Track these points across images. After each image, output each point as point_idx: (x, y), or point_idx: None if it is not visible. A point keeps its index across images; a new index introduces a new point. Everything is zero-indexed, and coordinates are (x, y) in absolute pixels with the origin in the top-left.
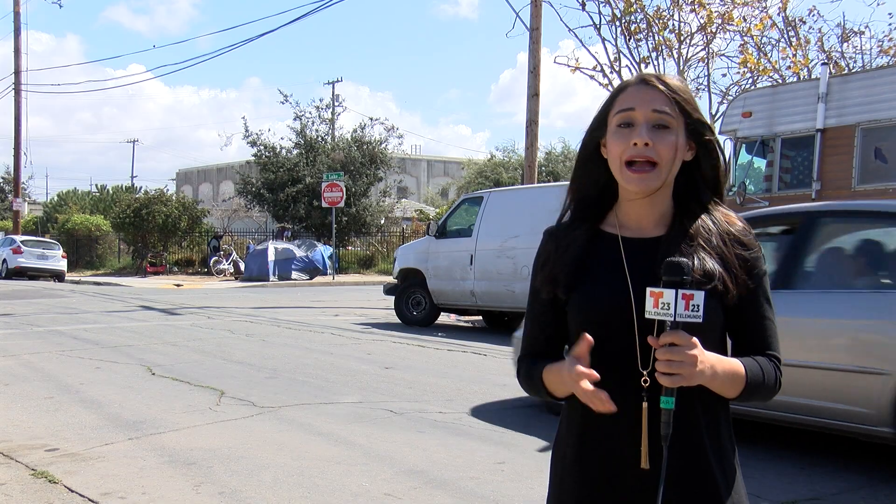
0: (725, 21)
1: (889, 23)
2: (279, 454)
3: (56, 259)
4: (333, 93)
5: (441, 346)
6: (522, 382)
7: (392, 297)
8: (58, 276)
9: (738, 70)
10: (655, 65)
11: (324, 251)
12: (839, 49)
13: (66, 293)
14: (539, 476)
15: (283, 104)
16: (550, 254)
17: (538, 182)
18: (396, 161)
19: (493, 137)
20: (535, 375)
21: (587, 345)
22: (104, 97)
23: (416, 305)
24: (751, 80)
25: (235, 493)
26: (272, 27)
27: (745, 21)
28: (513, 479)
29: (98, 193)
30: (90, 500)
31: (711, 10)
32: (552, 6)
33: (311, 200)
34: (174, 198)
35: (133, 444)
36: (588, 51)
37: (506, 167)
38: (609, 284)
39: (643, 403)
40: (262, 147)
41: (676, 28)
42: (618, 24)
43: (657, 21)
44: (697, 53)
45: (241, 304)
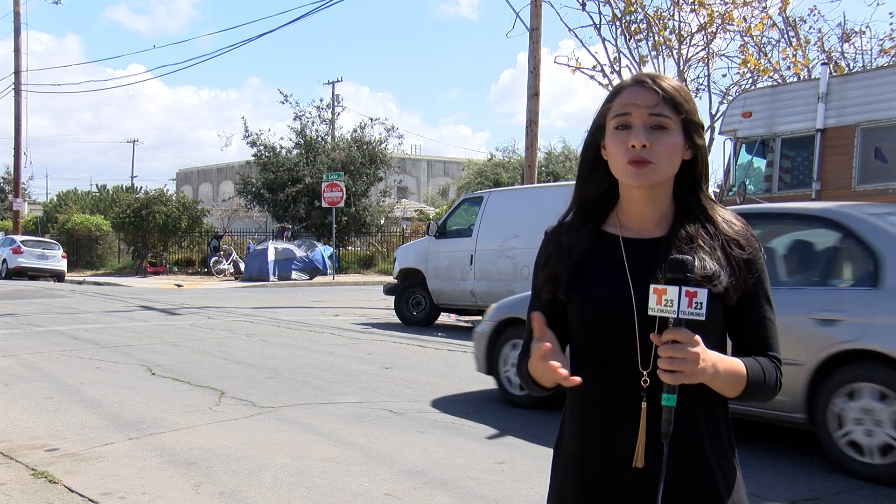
0: (726, 21)
1: (890, 23)
2: (279, 454)
3: (56, 259)
4: (333, 93)
5: (441, 346)
6: (521, 380)
7: (392, 297)
8: (58, 277)
9: (739, 70)
10: (655, 65)
11: (324, 251)
12: (839, 49)
13: (66, 293)
14: (539, 476)
15: (283, 104)
16: (552, 254)
17: (538, 182)
18: (396, 161)
19: (493, 137)
20: (523, 370)
21: (539, 322)
22: (104, 97)
23: (416, 305)
24: (751, 81)
25: (235, 493)
26: (272, 27)
27: (746, 21)
28: (513, 479)
29: (98, 193)
30: (90, 500)
31: (712, 10)
32: (552, 6)
33: (311, 200)
34: (174, 198)
35: (133, 444)
36: (588, 51)
37: (506, 167)
38: (609, 284)
39: (643, 403)
40: (262, 147)
41: (676, 28)
42: (618, 24)
43: (657, 21)
44: (697, 53)
45: (241, 304)
